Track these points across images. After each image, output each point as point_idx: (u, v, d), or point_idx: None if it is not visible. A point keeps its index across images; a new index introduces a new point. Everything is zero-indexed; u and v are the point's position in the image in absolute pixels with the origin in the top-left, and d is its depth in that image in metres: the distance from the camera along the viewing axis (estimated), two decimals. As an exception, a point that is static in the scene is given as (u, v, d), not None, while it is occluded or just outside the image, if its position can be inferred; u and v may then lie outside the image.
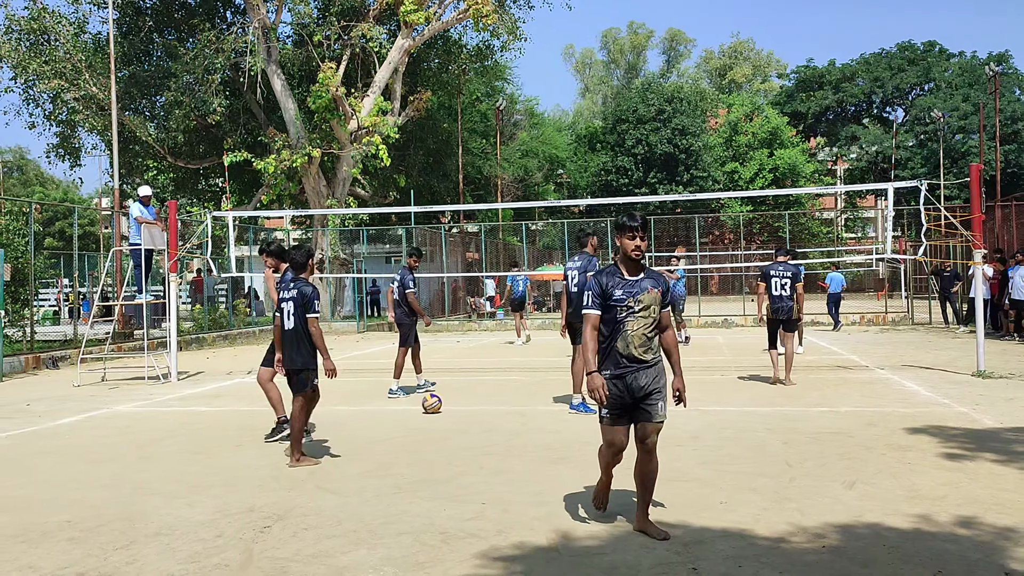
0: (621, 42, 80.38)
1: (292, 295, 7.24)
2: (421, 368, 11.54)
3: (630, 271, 4.93)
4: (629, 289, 4.86)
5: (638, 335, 4.84)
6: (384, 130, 26.42)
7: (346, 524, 5.37)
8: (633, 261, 4.90)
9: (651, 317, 4.86)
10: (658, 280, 4.95)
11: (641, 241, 4.87)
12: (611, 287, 4.87)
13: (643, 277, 4.91)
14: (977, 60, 57.33)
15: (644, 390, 4.84)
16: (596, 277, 4.93)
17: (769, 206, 47.40)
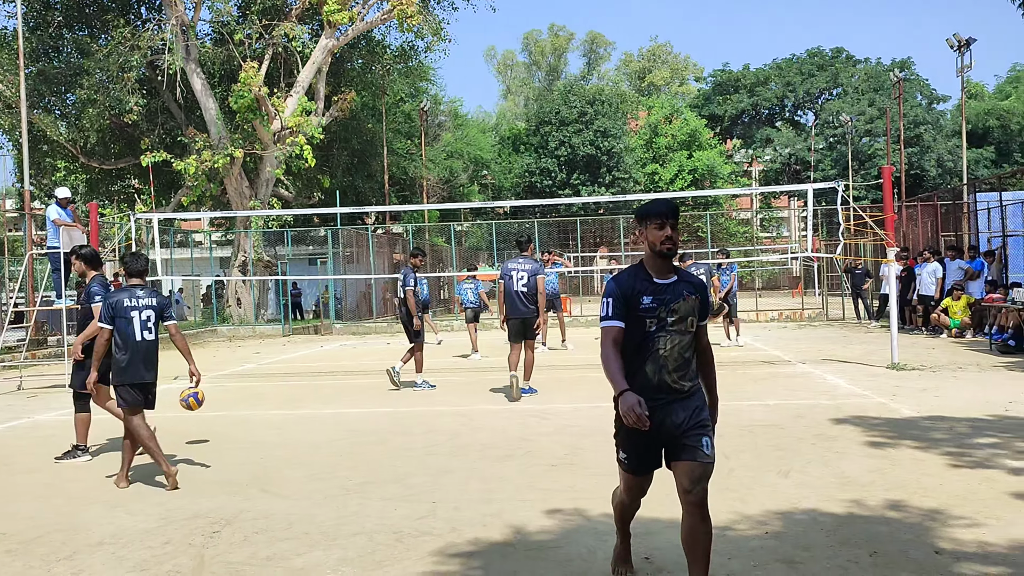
0: (542, 44, 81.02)
1: (148, 303, 6.69)
2: (410, 362, 11.89)
3: (660, 272, 3.87)
4: (660, 296, 3.81)
5: (673, 356, 3.78)
6: (308, 130, 26.09)
7: (297, 527, 5.36)
8: (663, 259, 3.85)
9: (688, 332, 3.83)
10: (695, 284, 3.91)
11: (673, 232, 3.82)
12: (637, 292, 3.80)
13: (676, 280, 3.87)
14: (882, 66, 59.66)
15: (681, 428, 3.78)
16: (617, 280, 3.89)
17: (689, 207, 48.45)
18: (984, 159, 55.14)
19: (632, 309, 3.80)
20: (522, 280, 10.46)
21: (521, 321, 10.47)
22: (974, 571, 4.22)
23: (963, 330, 17.10)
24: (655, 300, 3.80)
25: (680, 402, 3.81)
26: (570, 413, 9.32)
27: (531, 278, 10.45)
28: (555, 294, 17.03)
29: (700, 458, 3.76)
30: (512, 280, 10.51)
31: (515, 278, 10.50)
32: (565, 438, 7.90)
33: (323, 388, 12.49)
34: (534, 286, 10.43)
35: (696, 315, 3.87)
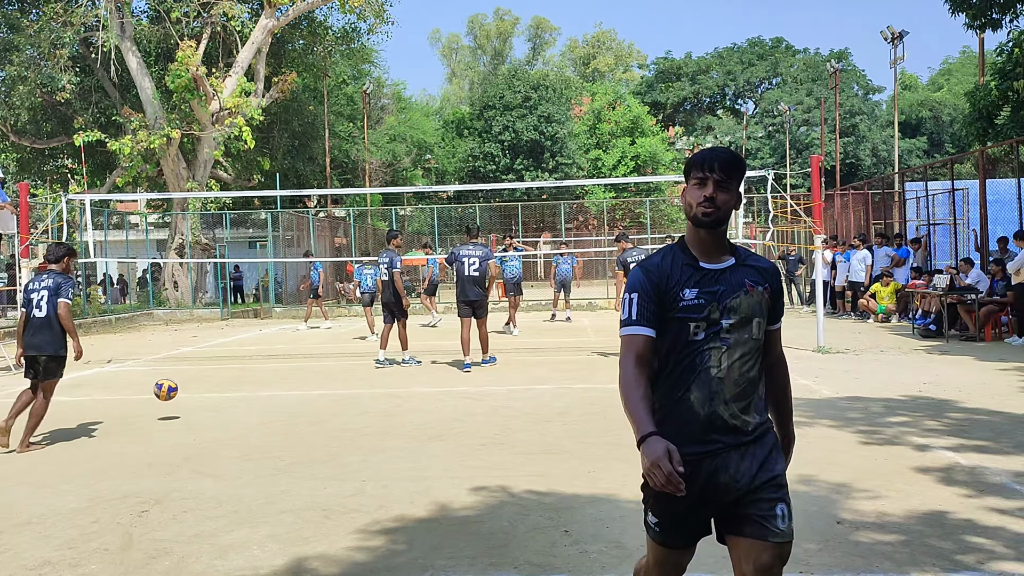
0: (487, 28, 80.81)
1: (45, 284, 7.51)
2: (407, 345, 12.42)
3: (709, 252, 2.68)
4: (710, 287, 2.63)
5: (732, 378, 2.61)
6: (248, 112, 25.74)
7: (227, 505, 5.43)
8: (707, 231, 2.66)
9: (753, 340, 2.65)
10: (763, 270, 2.72)
11: (719, 192, 2.62)
12: (676, 284, 2.64)
13: (734, 264, 2.68)
14: (820, 57, 60.93)
15: (743, 488, 2.60)
16: (644, 266, 2.72)
17: (631, 193, 48.98)
18: (917, 149, 56.78)
19: (668, 308, 2.62)
20: (473, 265, 11.43)
21: (472, 302, 11.51)
22: (870, 539, 4.49)
23: (888, 315, 17.71)
24: (702, 294, 2.60)
25: (743, 448, 2.61)
26: (504, 395, 9.48)
27: (482, 263, 11.45)
28: (518, 279, 17.28)
29: (772, 536, 2.59)
30: (464, 265, 11.44)
31: (467, 263, 11.44)
32: (497, 419, 8.07)
33: (260, 371, 12.47)
34: (485, 270, 11.46)
35: (765, 315, 2.68)
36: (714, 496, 2.62)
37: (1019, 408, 7.91)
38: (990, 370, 10.49)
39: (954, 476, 5.65)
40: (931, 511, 4.92)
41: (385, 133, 47.05)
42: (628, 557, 4.30)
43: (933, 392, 8.94)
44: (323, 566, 4.33)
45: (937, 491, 5.32)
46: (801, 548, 4.35)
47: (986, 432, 6.94)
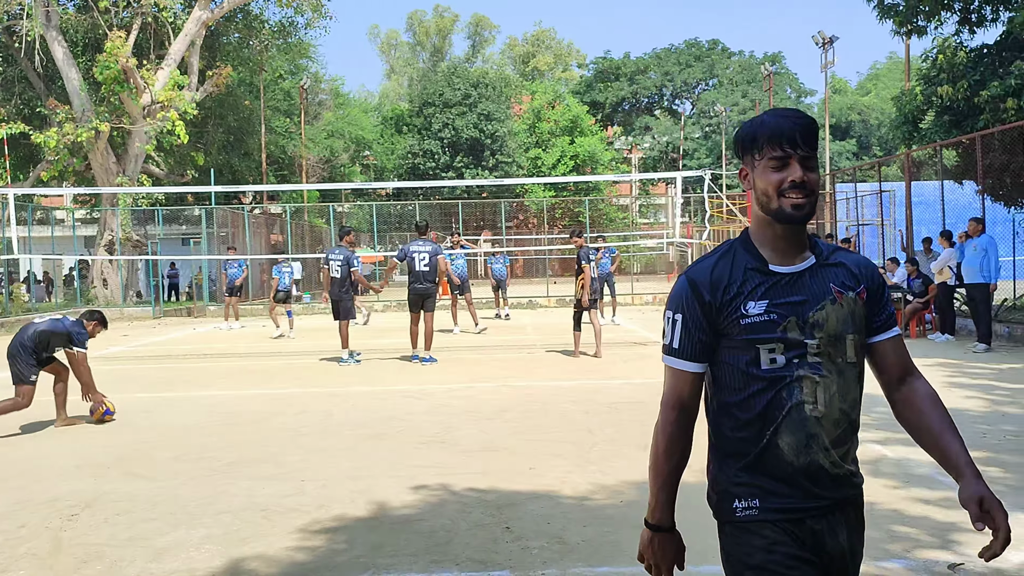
0: (427, 25, 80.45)
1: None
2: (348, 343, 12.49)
3: (783, 251, 2.05)
4: (786, 296, 2.01)
5: (832, 415, 2.00)
6: (181, 105, 25.17)
7: (162, 507, 5.31)
8: (790, 226, 2.02)
9: (849, 363, 2.02)
10: (855, 267, 2.09)
11: (808, 173, 1.99)
12: (736, 295, 2.02)
13: (814, 263, 2.05)
14: (755, 59, 62.12)
15: (844, 551, 2.06)
16: (693, 273, 2.09)
17: (570, 192, 49.30)
18: (846, 151, 58.30)
19: (728, 328, 2.01)
20: (424, 260, 12.02)
21: (422, 295, 12.07)
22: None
23: (819, 312, 18.15)
24: (774, 307, 1.98)
25: (848, 509, 2.05)
26: (445, 393, 9.47)
27: (432, 258, 12.05)
28: (464, 278, 17.17)
29: None
30: (415, 261, 12.00)
31: (417, 259, 12.00)
32: (438, 417, 8.05)
33: (195, 371, 12.22)
34: (435, 265, 12.06)
35: (861, 328, 2.05)
36: (828, 560, 2.01)
37: (944, 402, 8.18)
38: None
39: (882, 468, 5.83)
40: (861, 502, 5.07)
41: (323, 129, 46.49)
42: (569, 552, 4.34)
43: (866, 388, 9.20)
44: (262, 567, 4.27)
45: (866, 483, 5.47)
46: (737, 540, 4.45)
47: (912, 426, 7.17)
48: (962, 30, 16.61)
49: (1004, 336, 13.48)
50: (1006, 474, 5.60)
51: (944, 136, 16.25)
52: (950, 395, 8.57)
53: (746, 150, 2.06)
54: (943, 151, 16.02)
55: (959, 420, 7.23)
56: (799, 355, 1.98)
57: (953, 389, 8.95)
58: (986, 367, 10.62)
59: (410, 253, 12.13)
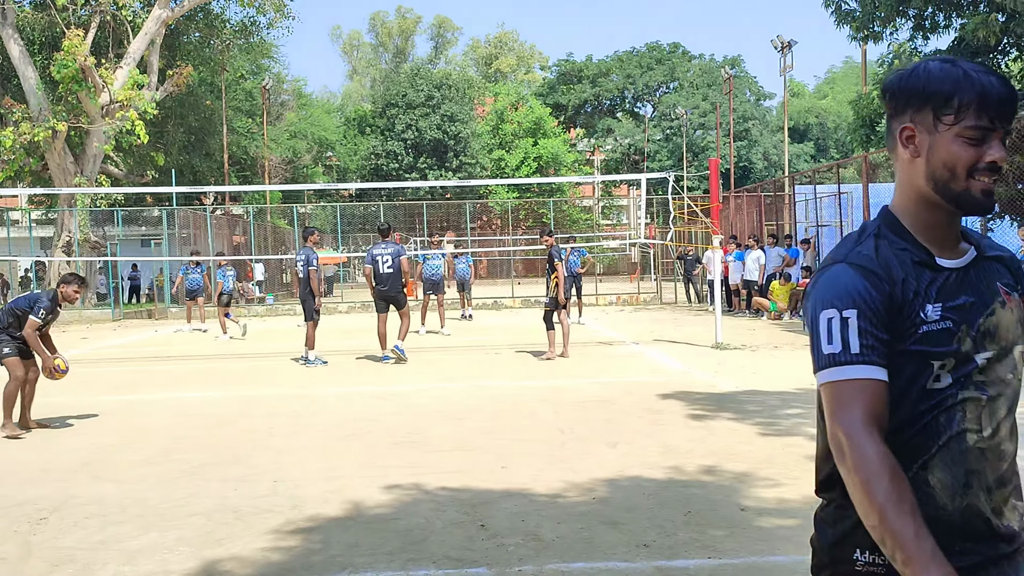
0: (389, 26, 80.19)
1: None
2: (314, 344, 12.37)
3: (944, 242, 1.64)
4: (954, 298, 1.59)
5: (995, 447, 1.60)
6: (140, 105, 24.82)
7: (132, 510, 5.27)
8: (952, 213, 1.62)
9: (1017, 381, 1.65)
10: (1010, 263, 1.71)
11: (1002, 152, 1.55)
12: (916, 295, 1.58)
13: (976, 256, 1.65)
14: (715, 63, 62.78)
15: None
16: (858, 261, 1.60)
17: (534, 193, 49.46)
18: (804, 154, 59.17)
19: (901, 335, 1.58)
20: (387, 262, 12.12)
21: (388, 298, 12.22)
22: (772, 524, 4.72)
23: (781, 313, 18.45)
24: (947, 311, 1.59)
25: (1006, 561, 1.62)
26: (414, 394, 9.48)
27: (395, 260, 12.17)
28: (439, 279, 16.99)
29: None
30: (379, 264, 12.11)
31: (380, 262, 12.10)
32: (408, 418, 8.07)
33: (158, 373, 12.09)
34: (399, 266, 12.18)
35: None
36: None
37: None
38: (875, 364, 11.07)
39: (846, 463, 5.96)
40: (826, 497, 5.19)
41: (285, 130, 46.14)
42: (545, 549, 4.39)
43: (824, 385, 9.38)
44: (238, 567, 4.27)
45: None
46: (708, 534, 4.54)
47: (874, 422, 7.33)
48: (916, 36, 17.00)
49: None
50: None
51: (901, 139, 16.60)
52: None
53: (926, 105, 1.58)
54: (900, 154, 16.38)
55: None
56: (967, 372, 1.58)
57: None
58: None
59: (373, 257, 12.23)
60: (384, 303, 12.30)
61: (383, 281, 12.17)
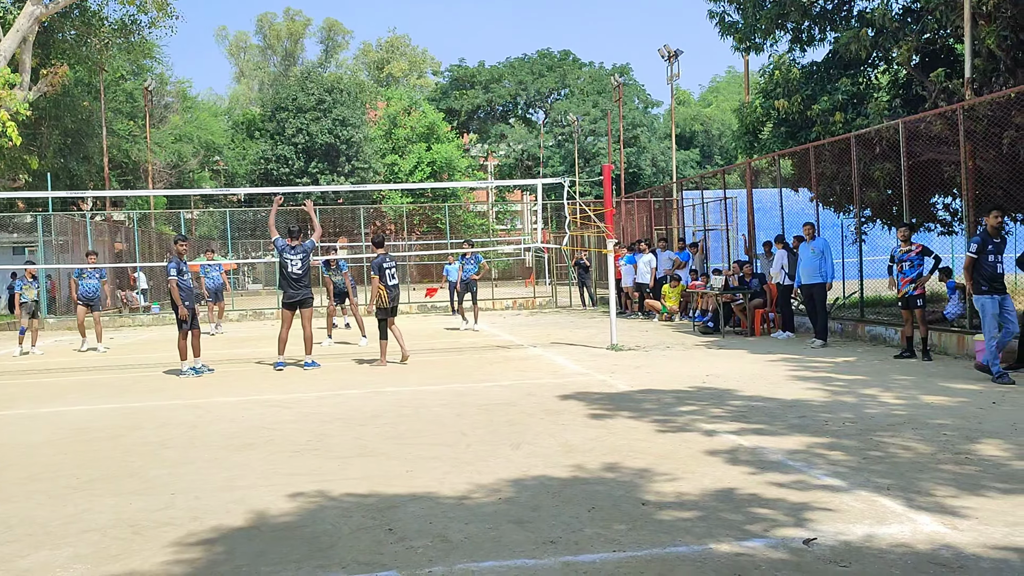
0: (278, 28, 78.58)
1: None
2: (200, 352, 12.20)
3: None
4: None
5: None
6: (12, 105, 23.51)
7: (19, 529, 5.03)
8: None
9: None
10: None
11: None
12: None
13: None
14: (604, 71, 64.17)
15: None
16: None
17: (428, 198, 49.34)
18: (691, 160, 61.08)
19: None
20: (296, 264, 12.16)
21: (295, 300, 12.20)
22: (672, 516, 4.89)
23: (672, 314, 19.02)
24: None
25: None
26: (314, 401, 9.36)
27: (304, 261, 12.25)
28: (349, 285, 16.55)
29: None
30: (288, 265, 12.15)
31: (290, 263, 12.14)
32: (309, 425, 7.96)
33: (37, 386, 11.51)
34: (307, 268, 12.30)
35: None
36: None
37: (789, 395, 8.81)
38: (761, 362, 11.57)
39: (739, 457, 6.23)
40: (721, 488, 5.42)
41: (170, 133, 44.58)
42: (454, 550, 4.43)
43: (715, 383, 9.75)
44: (138, 583, 4.14)
45: (725, 470, 5.85)
46: (612, 529, 4.68)
47: (762, 416, 7.68)
48: (795, 48, 17.82)
49: (837, 332, 14.56)
50: (848, 457, 6.11)
51: (781, 146, 17.38)
52: (793, 387, 9.23)
53: None
54: (780, 160, 17.13)
55: (803, 410, 7.82)
56: None
57: (796, 382, 9.63)
58: (823, 361, 11.46)
59: (285, 260, 12.24)
60: (291, 306, 12.31)
61: (290, 282, 12.17)
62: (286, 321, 12.39)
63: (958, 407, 7.87)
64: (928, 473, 5.61)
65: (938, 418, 7.37)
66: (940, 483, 5.36)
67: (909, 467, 5.77)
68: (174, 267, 11.78)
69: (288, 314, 12.41)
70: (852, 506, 4.95)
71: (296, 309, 12.30)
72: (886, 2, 15.86)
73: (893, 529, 4.55)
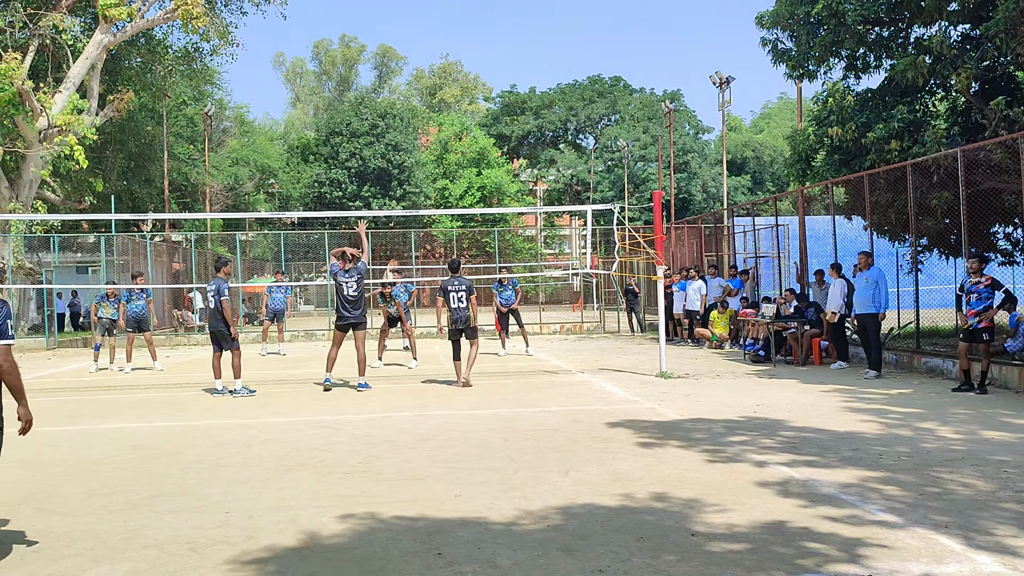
0: (333, 54, 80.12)
1: None
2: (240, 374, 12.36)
3: None
4: None
5: None
6: (79, 130, 24.35)
7: (81, 543, 5.18)
8: None
9: None
10: None
11: None
12: None
13: None
14: (655, 96, 64.14)
15: None
16: None
17: (478, 223, 49.67)
18: (742, 186, 60.60)
19: None
20: (351, 288, 12.43)
21: (348, 322, 12.50)
22: (722, 548, 4.85)
23: (722, 342, 18.84)
24: None
25: None
26: (364, 423, 9.46)
27: (359, 284, 12.48)
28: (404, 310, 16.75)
29: None
30: (343, 287, 12.42)
31: (345, 286, 12.40)
32: (359, 447, 8.05)
33: (99, 403, 11.83)
34: (362, 291, 12.62)
35: None
36: None
37: (841, 426, 8.67)
38: (813, 392, 11.40)
39: (790, 489, 6.15)
40: (772, 521, 5.36)
41: (227, 156, 45.65)
42: None
43: (766, 413, 9.64)
44: (194, 599, 4.24)
45: (776, 503, 5.79)
46: (662, 559, 4.65)
47: (814, 448, 7.58)
48: (849, 75, 17.65)
49: (892, 363, 14.28)
50: (904, 492, 5.99)
51: (835, 174, 17.17)
52: (847, 419, 9.07)
53: None
54: (834, 188, 16.93)
55: (857, 443, 7.69)
56: None
57: (850, 413, 9.47)
58: (878, 392, 11.26)
59: (337, 280, 12.54)
60: (344, 327, 12.57)
61: (344, 304, 12.48)
62: (336, 341, 12.69)
63: (1019, 443, 7.67)
64: (988, 511, 5.48)
65: (998, 454, 7.19)
66: (1001, 522, 5.23)
67: (968, 504, 5.64)
68: (227, 288, 12.14)
69: (339, 335, 12.66)
70: (908, 543, 4.86)
71: (348, 331, 12.55)
72: (944, 29, 15.66)
73: (951, 568, 4.46)
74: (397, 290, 16.65)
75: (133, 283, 16.60)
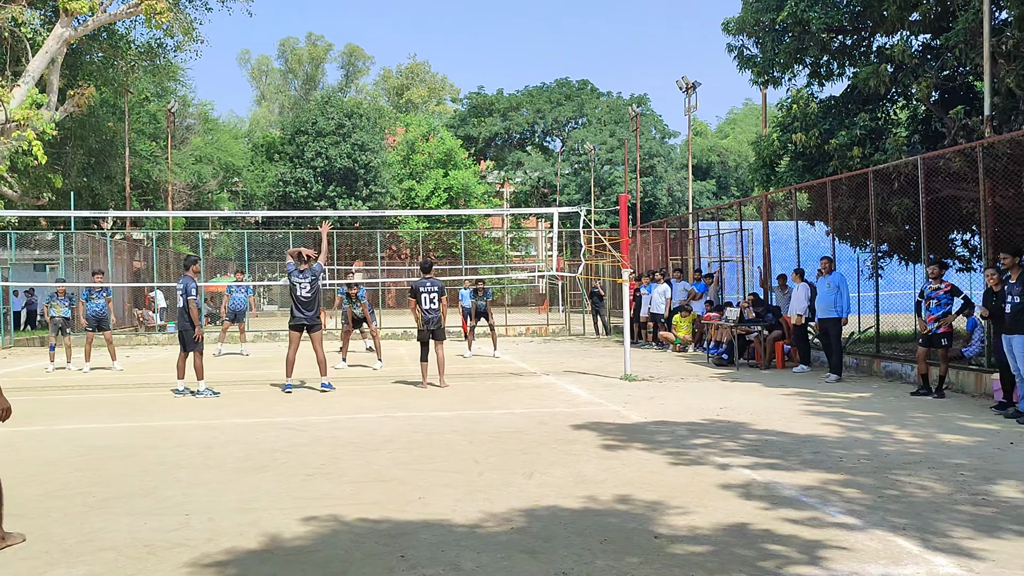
0: (299, 52, 79.53)
1: None
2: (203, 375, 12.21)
3: None
4: None
5: None
6: (38, 125, 23.86)
7: (36, 545, 5.07)
8: None
9: None
10: None
11: None
12: None
13: None
14: (622, 100, 64.50)
15: None
16: None
17: (444, 224, 49.55)
18: (707, 191, 61.17)
19: None
20: (305, 288, 12.29)
21: (301, 324, 12.40)
22: (684, 550, 4.88)
23: (685, 345, 18.97)
24: None
25: None
26: (327, 425, 9.38)
27: (312, 285, 12.35)
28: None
29: None
30: (296, 288, 12.31)
31: (299, 287, 12.29)
32: (322, 448, 7.98)
33: (57, 403, 11.61)
34: (317, 291, 12.46)
35: None
36: None
37: (802, 429, 8.77)
38: (775, 395, 11.52)
39: (752, 491, 6.21)
40: (734, 523, 5.40)
41: (190, 154, 45.08)
42: (466, 578, 4.44)
43: (729, 416, 9.72)
44: (152, 603, 4.17)
45: (739, 505, 5.84)
46: (624, 562, 4.67)
47: (776, 451, 7.65)
48: (813, 82, 17.91)
49: (852, 367, 14.48)
50: (863, 494, 6.08)
51: (798, 180, 17.39)
52: (808, 422, 9.18)
53: None
54: (797, 194, 17.14)
55: (818, 446, 7.78)
56: None
57: (811, 416, 9.58)
58: (838, 396, 11.41)
59: (291, 280, 12.43)
60: (298, 329, 12.45)
61: (298, 305, 12.36)
62: (293, 343, 12.49)
63: (975, 447, 7.82)
64: (945, 513, 5.57)
65: (955, 457, 7.32)
66: (957, 524, 5.33)
67: (925, 507, 5.74)
68: (194, 287, 11.96)
69: (296, 336, 12.49)
70: (867, 545, 4.92)
71: (303, 332, 12.42)
72: (906, 39, 15.94)
73: (909, 570, 4.53)
74: (362, 291, 16.62)
75: (93, 281, 16.31)
